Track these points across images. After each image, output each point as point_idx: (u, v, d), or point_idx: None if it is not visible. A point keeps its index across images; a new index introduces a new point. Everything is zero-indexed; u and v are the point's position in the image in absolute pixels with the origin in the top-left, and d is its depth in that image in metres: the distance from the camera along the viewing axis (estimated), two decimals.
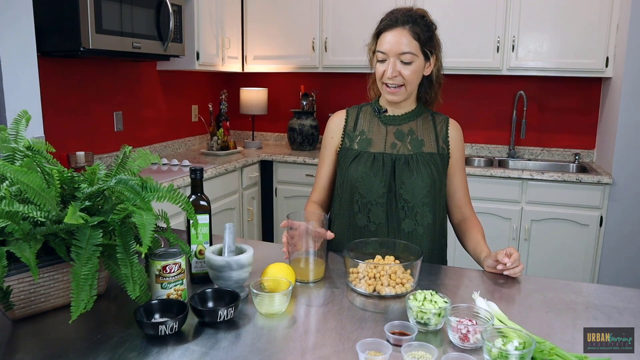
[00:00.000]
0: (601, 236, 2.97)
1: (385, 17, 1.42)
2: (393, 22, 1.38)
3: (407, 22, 1.37)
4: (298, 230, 1.24)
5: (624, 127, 2.89)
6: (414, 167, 1.44)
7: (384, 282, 1.17)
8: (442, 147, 1.49)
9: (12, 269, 0.94)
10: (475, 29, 3.21)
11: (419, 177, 1.43)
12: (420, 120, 1.50)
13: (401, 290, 1.16)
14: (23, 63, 1.91)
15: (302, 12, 3.56)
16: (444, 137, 1.50)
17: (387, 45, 1.38)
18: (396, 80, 1.40)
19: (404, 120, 1.50)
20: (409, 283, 1.18)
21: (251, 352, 0.92)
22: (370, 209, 1.45)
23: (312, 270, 1.25)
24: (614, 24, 2.98)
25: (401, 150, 1.47)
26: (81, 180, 1.04)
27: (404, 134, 1.48)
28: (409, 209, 1.44)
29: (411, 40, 1.37)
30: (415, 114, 1.50)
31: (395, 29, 1.37)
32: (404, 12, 1.39)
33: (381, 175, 1.44)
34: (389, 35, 1.38)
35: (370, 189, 1.44)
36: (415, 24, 1.37)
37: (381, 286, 1.16)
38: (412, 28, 1.37)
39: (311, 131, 3.66)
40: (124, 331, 0.98)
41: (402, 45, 1.36)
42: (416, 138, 1.48)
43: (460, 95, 3.63)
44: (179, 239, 1.09)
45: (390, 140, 1.48)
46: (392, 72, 1.38)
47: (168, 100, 3.50)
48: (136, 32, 2.55)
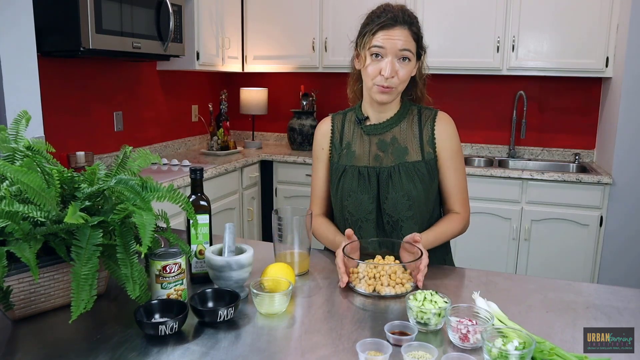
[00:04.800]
0: (601, 236, 2.97)
1: (380, 14, 1.34)
2: (394, 20, 1.32)
3: (407, 22, 1.33)
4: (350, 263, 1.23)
5: (624, 127, 2.89)
6: (397, 180, 1.39)
7: (384, 282, 1.17)
8: (427, 151, 1.42)
9: (12, 269, 0.94)
10: (475, 29, 3.20)
11: (400, 192, 1.38)
12: (404, 123, 1.44)
13: (401, 290, 1.16)
14: (23, 63, 1.91)
15: (302, 12, 3.56)
16: (430, 138, 1.42)
17: (389, 42, 1.31)
18: (392, 81, 1.32)
19: (387, 127, 1.44)
20: (409, 283, 1.18)
21: (251, 352, 0.92)
22: (361, 226, 1.42)
23: (297, 263, 1.28)
24: (614, 24, 2.98)
25: (384, 162, 1.41)
26: (81, 180, 1.03)
27: (387, 143, 1.43)
28: (394, 223, 1.41)
29: (411, 40, 1.33)
30: (399, 117, 1.44)
31: (396, 27, 1.32)
32: (403, 11, 1.35)
33: (368, 190, 1.40)
34: (389, 32, 1.32)
35: (359, 207, 1.41)
36: (413, 25, 1.34)
37: (381, 286, 1.16)
38: (412, 28, 1.34)
39: (311, 131, 3.66)
40: (124, 331, 0.98)
41: (403, 43, 1.31)
42: (399, 147, 1.42)
43: (460, 95, 3.62)
44: (179, 239, 1.09)
45: (373, 151, 1.43)
46: (390, 72, 1.31)
47: (168, 100, 3.50)
48: (136, 32, 2.55)
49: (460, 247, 3.02)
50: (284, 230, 1.27)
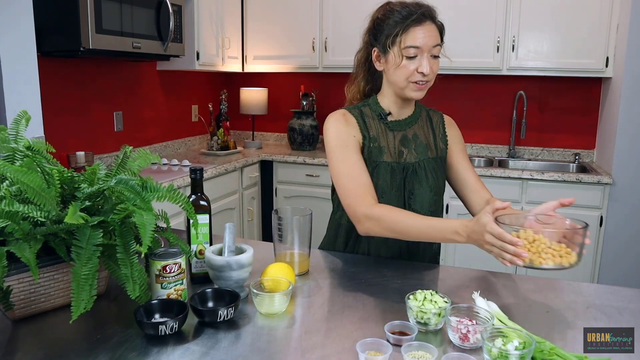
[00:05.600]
0: (601, 236, 2.97)
1: (401, 10, 1.31)
2: (421, 17, 1.30)
3: (432, 17, 1.33)
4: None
5: (624, 127, 2.89)
6: (422, 176, 1.40)
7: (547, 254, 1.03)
8: (441, 148, 1.46)
9: (12, 269, 0.94)
10: (475, 29, 3.21)
11: (427, 188, 1.40)
12: (420, 121, 1.47)
13: (568, 262, 1.03)
14: (23, 63, 1.91)
15: (302, 12, 3.56)
16: (442, 135, 1.47)
17: (422, 40, 1.29)
18: (429, 76, 1.32)
19: (409, 123, 1.45)
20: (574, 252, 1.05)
21: (251, 352, 0.92)
22: None
23: (297, 263, 1.27)
24: (614, 24, 2.98)
25: (408, 158, 1.41)
26: (81, 180, 1.03)
27: (409, 139, 1.43)
28: None
29: (438, 34, 1.33)
30: (416, 116, 1.46)
31: (425, 23, 1.31)
32: (426, 7, 1.33)
33: (398, 187, 1.40)
34: (419, 29, 1.29)
35: (388, 202, 1.37)
36: (436, 18, 1.34)
37: (541, 258, 1.03)
38: (437, 22, 1.34)
39: (311, 131, 3.66)
40: (124, 331, 0.98)
41: (435, 39, 1.31)
42: (421, 143, 1.43)
43: (460, 95, 3.62)
44: (179, 239, 1.09)
45: (398, 147, 1.42)
46: (428, 68, 1.29)
47: (168, 100, 3.50)
48: (136, 32, 2.55)
49: (460, 247, 3.03)
50: (284, 230, 1.27)
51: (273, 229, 1.29)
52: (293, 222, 1.27)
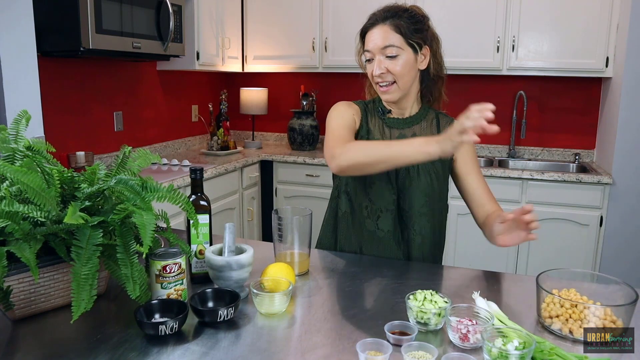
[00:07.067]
0: (601, 236, 2.97)
1: (369, 18, 1.40)
2: (373, 21, 1.37)
3: (387, 17, 1.35)
4: None
5: (624, 127, 2.89)
6: (414, 176, 1.40)
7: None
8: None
9: (12, 269, 0.94)
10: (475, 29, 3.20)
11: (417, 189, 1.40)
12: (424, 123, 1.47)
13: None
14: (23, 63, 1.91)
15: (302, 12, 3.56)
16: None
17: (371, 44, 1.36)
18: (386, 77, 1.36)
19: (409, 123, 1.46)
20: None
21: (251, 352, 0.92)
22: (380, 216, 1.42)
23: (297, 263, 1.27)
24: (614, 24, 2.98)
25: None
26: (81, 180, 1.03)
27: (407, 138, 1.44)
28: (407, 218, 1.42)
29: (393, 34, 1.34)
30: (420, 117, 1.46)
31: (376, 26, 1.36)
32: (384, 9, 1.38)
33: (390, 182, 1.40)
34: (370, 34, 1.37)
35: (381, 196, 1.41)
36: (397, 17, 1.35)
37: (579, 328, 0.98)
38: (393, 22, 1.34)
39: (311, 131, 3.66)
40: (124, 331, 0.98)
41: (383, 40, 1.34)
42: None
43: (460, 95, 3.60)
44: (179, 239, 1.09)
45: None
46: (379, 70, 1.35)
47: (168, 100, 3.50)
48: (136, 32, 2.55)
49: (460, 247, 3.04)
50: (284, 230, 1.27)
51: (273, 229, 1.29)
52: (293, 222, 1.27)
